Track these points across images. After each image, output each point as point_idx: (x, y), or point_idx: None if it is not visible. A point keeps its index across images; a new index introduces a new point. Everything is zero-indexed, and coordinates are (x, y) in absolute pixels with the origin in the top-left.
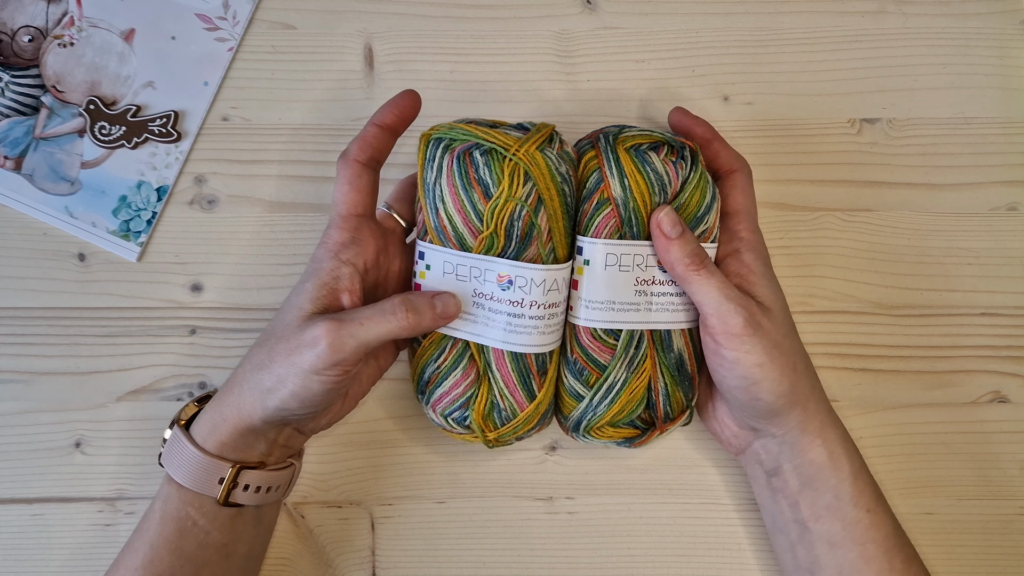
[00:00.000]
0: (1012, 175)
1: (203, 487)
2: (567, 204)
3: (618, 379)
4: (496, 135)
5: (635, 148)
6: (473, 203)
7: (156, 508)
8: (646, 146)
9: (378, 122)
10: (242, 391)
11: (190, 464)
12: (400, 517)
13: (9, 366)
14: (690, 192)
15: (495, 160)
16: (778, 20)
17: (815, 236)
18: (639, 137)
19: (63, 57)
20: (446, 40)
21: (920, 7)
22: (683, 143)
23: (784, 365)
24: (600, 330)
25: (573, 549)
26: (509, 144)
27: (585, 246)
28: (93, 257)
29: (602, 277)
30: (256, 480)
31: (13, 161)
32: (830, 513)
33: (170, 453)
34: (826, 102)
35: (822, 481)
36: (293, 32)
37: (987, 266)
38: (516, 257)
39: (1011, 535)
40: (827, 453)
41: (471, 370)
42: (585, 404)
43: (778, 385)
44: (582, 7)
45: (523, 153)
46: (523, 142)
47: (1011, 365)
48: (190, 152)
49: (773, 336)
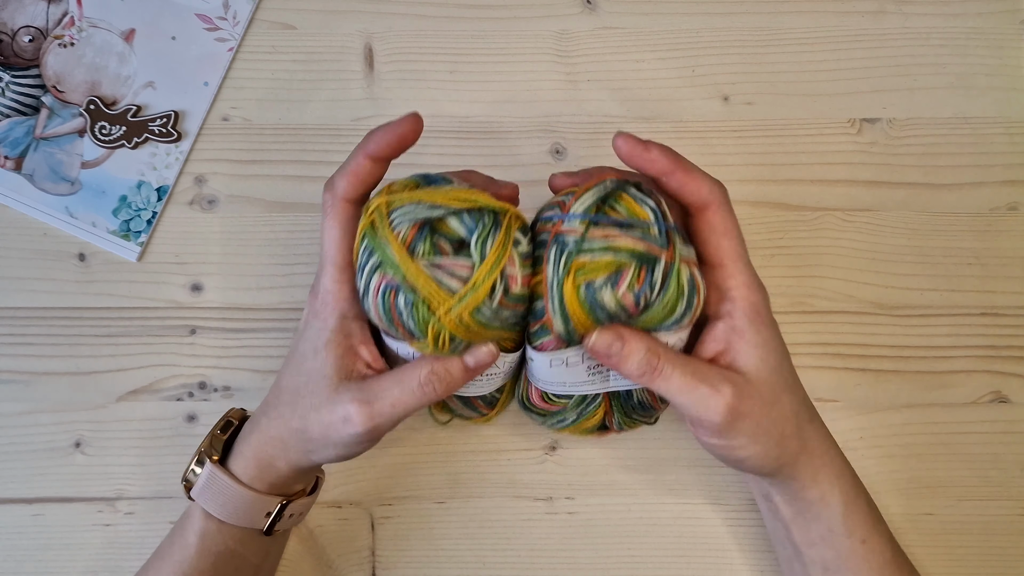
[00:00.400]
0: (1012, 175)
1: (250, 522)
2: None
3: (568, 418)
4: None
5: (588, 285)
6: (397, 337)
7: (192, 542)
8: (601, 280)
9: (371, 153)
10: (286, 446)
11: (238, 502)
12: (400, 517)
13: (9, 366)
14: (653, 312)
15: (419, 314)
16: (778, 20)
17: (815, 236)
18: (599, 267)
19: (63, 57)
20: (446, 40)
21: (920, 7)
22: (656, 258)
23: (767, 443)
24: (551, 394)
25: (573, 549)
26: (435, 302)
27: (528, 350)
28: (93, 257)
29: (550, 372)
30: (300, 508)
31: (13, 161)
32: (824, 541)
33: (210, 491)
34: (826, 102)
35: (813, 514)
36: (293, 32)
37: (987, 266)
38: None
39: (1012, 535)
40: (818, 494)
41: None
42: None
43: (762, 460)
44: (582, 7)
45: (453, 316)
46: (454, 303)
47: (1011, 365)
48: (190, 152)
49: (756, 417)
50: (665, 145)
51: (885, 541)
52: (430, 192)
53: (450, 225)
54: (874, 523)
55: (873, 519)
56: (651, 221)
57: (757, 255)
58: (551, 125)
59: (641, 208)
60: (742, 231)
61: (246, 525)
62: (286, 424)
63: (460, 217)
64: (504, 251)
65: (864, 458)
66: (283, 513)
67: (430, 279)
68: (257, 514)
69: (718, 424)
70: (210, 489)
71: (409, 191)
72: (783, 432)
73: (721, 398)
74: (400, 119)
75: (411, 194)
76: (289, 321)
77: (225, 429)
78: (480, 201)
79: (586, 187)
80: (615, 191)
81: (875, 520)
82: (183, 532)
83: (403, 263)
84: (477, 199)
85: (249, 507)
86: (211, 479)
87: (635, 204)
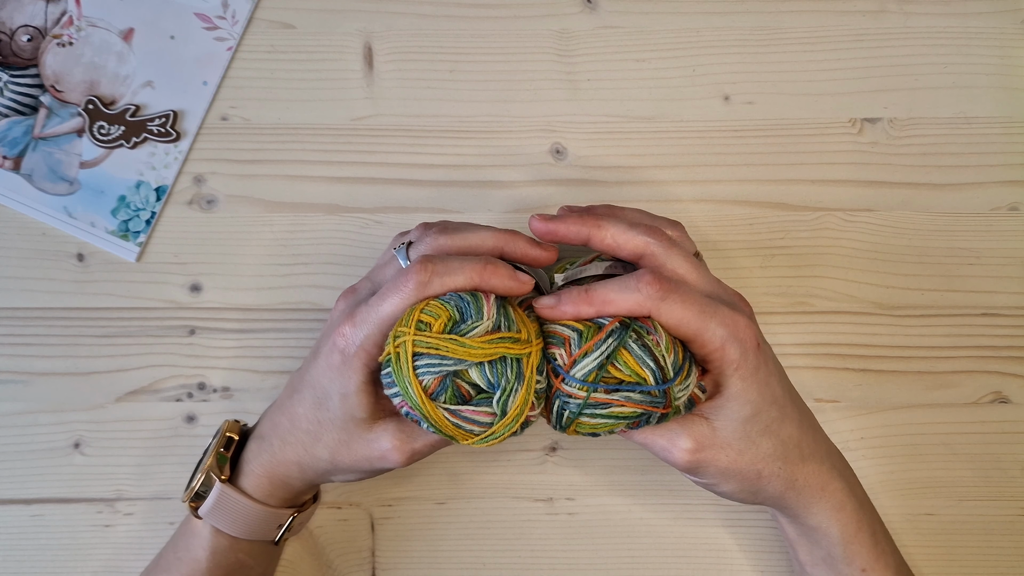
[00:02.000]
0: (1013, 175)
1: (262, 535)
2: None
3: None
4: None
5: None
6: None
7: (201, 556)
8: (602, 433)
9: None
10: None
11: (251, 518)
12: (400, 517)
13: (8, 366)
14: None
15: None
16: (779, 19)
17: (816, 236)
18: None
19: (62, 57)
20: (446, 40)
21: (921, 7)
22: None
23: (741, 482)
24: None
25: (573, 550)
26: (458, 436)
27: None
28: (92, 257)
29: None
30: (306, 518)
31: (12, 161)
32: (826, 565)
33: (221, 509)
34: (827, 101)
35: (814, 540)
36: (292, 31)
37: (988, 266)
38: None
39: (1012, 536)
40: (815, 523)
41: None
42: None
43: (739, 495)
44: (582, 6)
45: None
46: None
47: (1012, 365)
48: (189, 152)
49: (724, 462)
50: (576, 211)
51: (888, 571)
52: (456, 346)
53: (472, 376)
54: (878, 554)
55: (877, 551)
56: (651, 384)
57: (757, 255)
58: (551, 125)
59: (642, 369)
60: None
61: (258, 539)
62: (307, 451)
63: (482, 369)
64: (525, 406)
65: (864, 458)
66: (293, 523)
67: (450, 423)
68: (270, 528)
69: (682, 469)
70: (221, 508)
71: (436, 335)
72: (760, 473)
73: (677, 451)
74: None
75: (438, 340)
76: (288, 321)
77: (228, 446)
78: (503, 350)
79: (586, 348)
80: (616, 349)
81: (880, 551)
82: (189, 547)
83: (424, 405)
84: (501, 351)
85: (262, 522)
86: (222, 498)
87: (636, 364)
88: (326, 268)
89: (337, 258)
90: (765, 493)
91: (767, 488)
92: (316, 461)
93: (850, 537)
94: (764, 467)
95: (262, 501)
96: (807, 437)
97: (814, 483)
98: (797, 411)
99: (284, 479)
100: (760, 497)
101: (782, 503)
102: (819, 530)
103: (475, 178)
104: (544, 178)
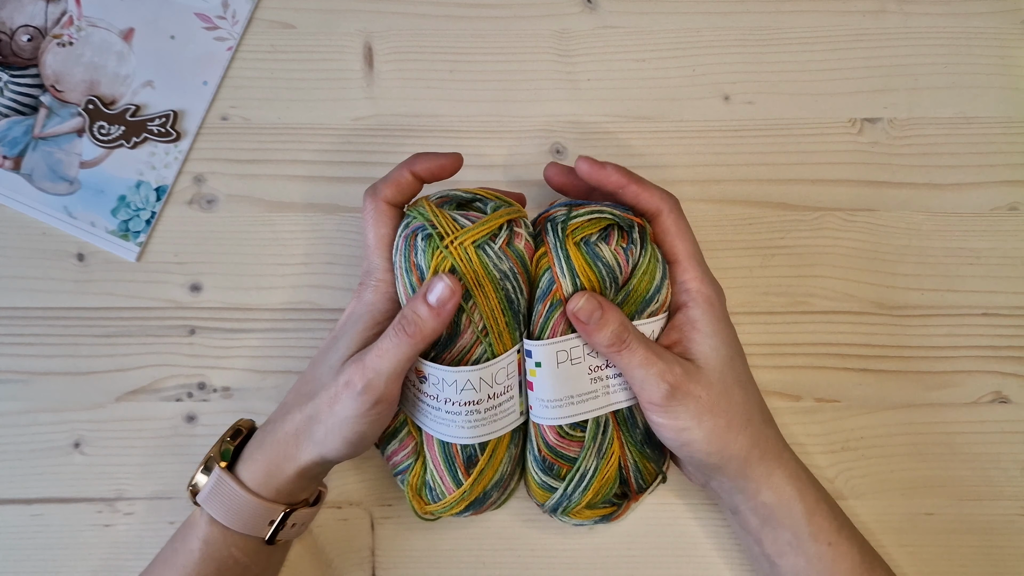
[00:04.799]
0: (1013, 175)
1: (253, 530)
2: (509, 299)
3: (588, 468)
4: (444, 220)
5: (585, 241)
6: (411, 282)
7: (195, 547)
8: (596, 236)
9: (415, 170)
10: (299, 440)
11: (243, 508)
12: (400, 517)
13: (8, 366)
14: (640, 276)
15: (431, 247)
16: (779, 19)
17: (816, 236)
18: (588, 226)
19: (62, 56)
20: (446, 40)
21: (921, 6)
22: (631, 221)
23: (713, 428)
24: (566, 426)
25: (573, 549)
26: (448, 232)
27: (534, 350)
28: (92, 257)
29: (556, 375)
30: (302, 518)
31: (12, 161)
32: (792, 549)
33: (216, 496)
34: (827, 101)
35: (778, 520)
36: (293, 31)
37: (988, 266)
38: (443, 349)
39: (1012, 535)
40: (775, 496)
41: (410, 441)
42: (559, 495)
43: (707, 445)
44: (582, 6)
45: (455, 246)
46: (462, 233)
47: (1012, 365)
48: (189, 152)
49: (703, 401)
50: (620, 165)
51: (852, 543)
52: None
53: (474, 205)
54: (839, 526)
55: (839, 523)
56: (617, 206)
57: (757, 255)
58: (551, 125)
59: (608, 206)
60: (739, 230)
61: (249, 532)
62: (302, 412)
63: (483, 201)
64: (514, 212)
65: (864, 458)
66: (286, 522)
67: (449, 217)
68: (261, 521)
69: (660, 399)
70: (216, 495)
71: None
72: (730, 422)
73: (670, 375)
74: (446, 153)
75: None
76: (288, 321)
77: (235, 436)
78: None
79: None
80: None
81: (840, 524)
82: (186, 538)
83: (430, 211)
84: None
85: (253, 514)
86: (218, 484)
87: (603, 205)
88: (326, 268)
89: (337, 258)
90: (731, 448)
91: (734, 441)
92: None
93: (811, 508)
94: (734, 418)
95: (254, 491)
96: (764, 404)
97: (772, 448)
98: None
99: (279, 463)
100: (726, 452)
101: (746, 467)
102: (782, 506)
103: (475, 178)
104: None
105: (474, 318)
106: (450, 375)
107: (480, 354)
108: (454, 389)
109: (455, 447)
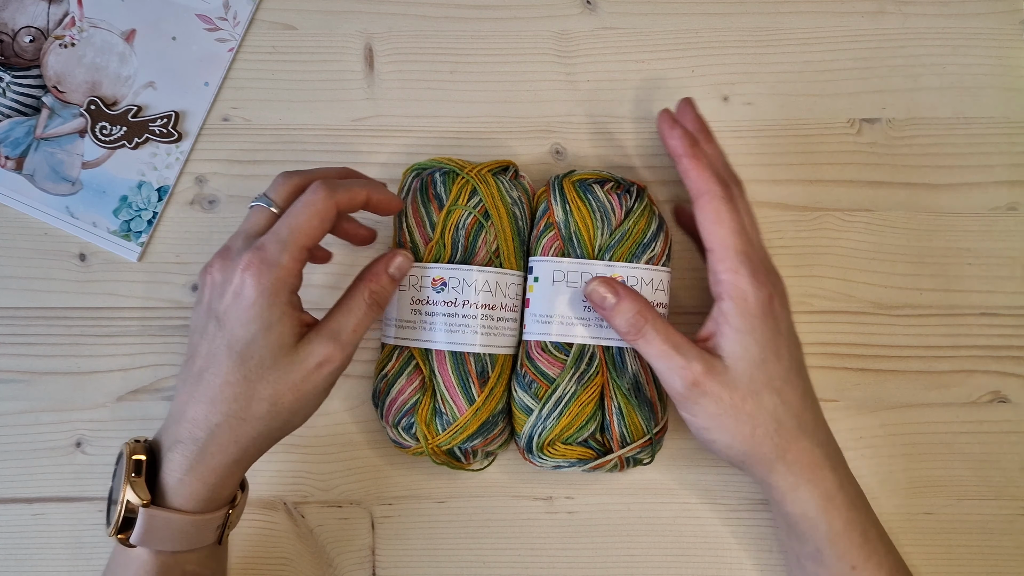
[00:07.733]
0: (1012, 175)
1: (202, 542)
2: (517, 227)
3: (567, 391)
4: (458, 161)
5: (581, 182)
6: (429, 214)
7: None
8: (592, 180)
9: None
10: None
11: (188, 530)
12: (400, 517)
13: (10, 366)
14: (634, 220)
15: (451, 179)
16: (778, 20)
17: (815, 236)
18: (587, 174)
19: (64, 57)
20: (446, 40)
21: (920, 7)
22: (630, 183)
23: (735, 432)
24: (550, 343)
25: (573, 549)
26: (464, 166)
27: (535, 265)
28: (94, 257)
29: (550, 291)
30: (242, 509)
31: (14, 161)
32: (815, 562)
33: (155, 532)
34: (826, 102)
35: (802, 534)
36: (293, 32)
37: (987, 266)
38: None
39: (1011, 535)
40: (798, 511)
41: (416, 377)
42: (534, 417)
43: (728, 448)
44: (582, 7)
45: (475, 173)
46: (478, 166)
47: (1011, 365)
48: (191, 152)
49: (724, 402)
50: (691, 134)
51: (881, 570)
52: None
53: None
54: (869, 553)
55: (869, 548)
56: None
57: None
58: (551, 125)
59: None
60: None
61: (199, 546)
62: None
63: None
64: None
65: (864, 458)
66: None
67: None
68: (209, 532)
69: (679, 393)
70: (153, 531)
71: None
72: (754, 430)
73: (688, 372)
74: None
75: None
76: None
77: (138, 470)
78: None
79: None
80: None
81: (871, 550)
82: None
83: (440, 158)
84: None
85: (199, 530)
86: (152, 522)
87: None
88: (326, 268)
89: (336, 258)
90: (754, 457)
91: (757, 451)
92: (256, 423)
93: (837, 533)
94: (759, 426)
95: (194, 511)
96: (808, 414)
97: (805, 462)
98: (803, 384)
99: (223, 472)
100: (750, 460)
101: (770, 475)
102: (805, 521)
103: None
104: (544, 178)
105: (488, 239)
106: (471, 274)
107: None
108: (473, 289)
109: (468, 361)
